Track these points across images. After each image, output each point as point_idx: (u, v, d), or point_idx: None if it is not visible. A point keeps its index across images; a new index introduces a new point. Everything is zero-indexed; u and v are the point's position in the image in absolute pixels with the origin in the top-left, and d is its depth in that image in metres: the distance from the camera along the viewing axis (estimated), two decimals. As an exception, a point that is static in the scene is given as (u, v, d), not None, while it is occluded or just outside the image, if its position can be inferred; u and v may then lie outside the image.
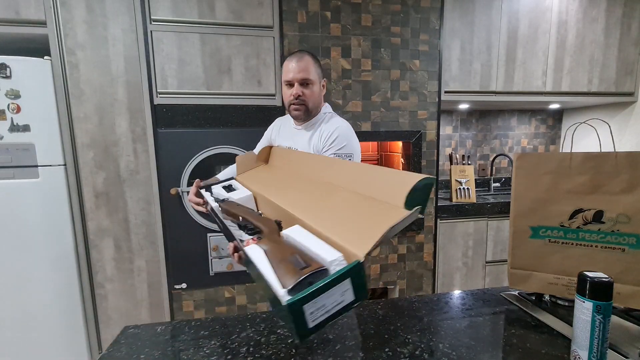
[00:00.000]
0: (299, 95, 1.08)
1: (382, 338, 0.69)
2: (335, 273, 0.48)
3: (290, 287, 0.48)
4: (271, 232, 0.69)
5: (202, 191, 1.04)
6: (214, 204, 0.95)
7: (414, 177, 0.60)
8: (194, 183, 1.07)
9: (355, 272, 0.49)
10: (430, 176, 0.58)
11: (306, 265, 0.52)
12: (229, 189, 1.05)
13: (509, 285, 0.82)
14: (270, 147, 1.17)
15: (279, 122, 1.32)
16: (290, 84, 1.09)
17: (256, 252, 0.61)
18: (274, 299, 0.48)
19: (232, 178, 1.14)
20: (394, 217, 0.58)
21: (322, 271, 0.51)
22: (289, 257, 0.56)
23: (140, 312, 1.81)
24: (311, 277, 0.50)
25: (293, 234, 0.65)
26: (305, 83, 1.08)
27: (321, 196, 0.79)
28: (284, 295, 0.47)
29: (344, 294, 0.48)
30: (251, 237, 0.75)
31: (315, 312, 0.45)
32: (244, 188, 1.03)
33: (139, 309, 1.80)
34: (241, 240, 0.79)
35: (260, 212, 0.90)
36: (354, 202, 0.69)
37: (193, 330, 0.74)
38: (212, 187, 1.06)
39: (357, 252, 0.52)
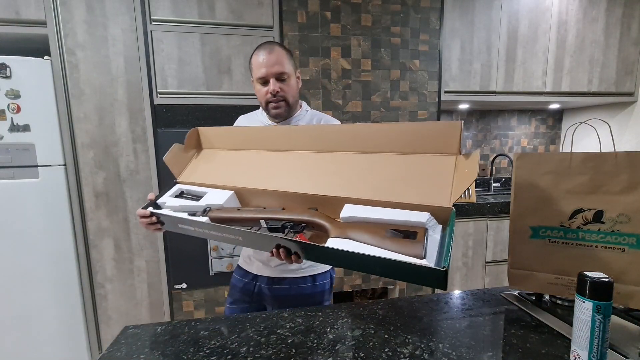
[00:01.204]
0: (277, 92, 0.97)
1: (382, 338, 0.69)
2: (451, 229, 0.59)
3: (425, 257, 0.57)
4: (331, 221, 0.70)
5: (150, 209, 0.88)
6: (198, 218, 0.81)
7: (449, 124, 0.69)
8: (149, 198, 0.92)
9: (453, 221, 0.61)
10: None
11: (406, 234, 0.61)
12: (189, 195, 0.92)
13: (509, 285, 0.82)
14: (196, 131, 1.02)
15: (244, 120, 1.17)
16: (264, 81, 0.98)
17: (350, 244, 0.63)
18: (407, 273, 0.57)
19: (174, 183, 0.97)
20: (463, 166, 0.66)
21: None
22: (385, 234, 0.62)
23: (140, 312, 1.81)
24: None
25: (356, 213, 0.68)
26: (281, 77, 0.97)
27: (354, 166, 0.77)
28: (429, 264, 0.56)
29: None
30: (296, 233, 0.72)
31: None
32: (210, 188, 0.91)
33: (139, 309, 1.80)
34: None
35: (264, 207, 0.83)
36: (402, 163, 0.72)
37: (193, 330, 0.74)
38: (160, 200, 0.91)
39: (445, 204, 0.62)
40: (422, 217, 0.62)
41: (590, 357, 0.55)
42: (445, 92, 2.08)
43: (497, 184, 2.73)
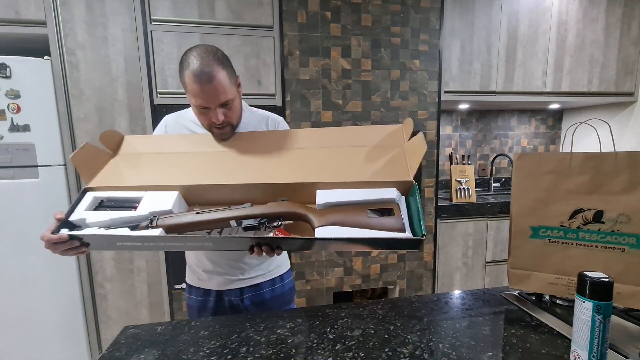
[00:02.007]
0: (223, 120, 0.85)
1: (382, 338, 0.69)
2: (415, 200, 0.69)
3: (406, 229, 0.65)
4: (310, 210, 0.71)
5: (65, 231, 0.70)
6: (148, 232, 0.69)
7: (392, 126, 0.85)
8: (55, 217, 0.73)
9: (416, 191, 0.71)
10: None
11: (382, 211, 0.69)
12: (115, 204, 0.77)
13: (509, 285, 0.82)
14: (119, 135, 0.90)
15: (173, 122, 1.01)
16: (205, 107, 0.84)
17: (340, 230, 0.67)
18: (394, 244, 0.67)
19: (84, 192, 0.79)
20: (407, 147, 0.77)
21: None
22: (366, 215, 0.68)
23: (140, 312, 1.81)
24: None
25: (331, 198, 0.72)
26: (225, 103, 0.85)
27: (314, 158, 0.80)
28: (410, 235, 0.65)
29: None
30: (275, 228, 0.71)
31: None
32: (143, 192, 0.77)
33: (139, 309, 1.80)
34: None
35: (227, 205, 0.76)
36: (359, 153, 0.79)
37: (193, 330, 0.74)
38: (75, 216, 0.73)
39: (408, 178, 0.72)
40: (392, 193, 0.71)
41: (590, 357, 0.55)
42: (445, 92, 2.08)
43: (497, 184, 2.73)
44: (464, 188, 2.25)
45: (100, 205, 0.77)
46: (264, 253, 0.70)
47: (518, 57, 2.16)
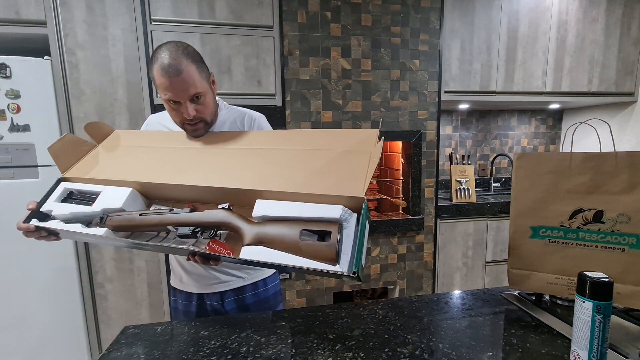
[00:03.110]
0: (194, 115, 0.84)
1: (382, 338, 0.69)
2: (362, 226, 0.58)
3: (339, 259, 0.57)
4: (245, 222, 0.65)
5: (35, 222, 0.73)
6: (94, 231, 0.70)
7: (363, 131, 0.75)
8: (27, 206, 0.77)
9: (367, 212, 0.60)
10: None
11: (320, 234, 0.59)
12: (80, 197, 0.77)
13: (509, 285, 0.82)
14: (101, 125, 0.92)
15: (154, 122, 1.02)
16: (176, 102, 0.82)
17: (263, 253, 0.60)
18: (323, 273, 0.57)
19: (58, 182, 0.81)
20: (372, 153, 0.68)
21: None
22: (298, 236, 0.60)
23: (140, 312, 1.80)
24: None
25: (268, 211, 0.65)
26: (195, 98, 0.83)
27: (270, 161, 0.74)
28: (343, 270, 0.56)
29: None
30: (209, 239, 0.67)
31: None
32: (105, 186, 0.77)
33: (139, 309, 1.80)
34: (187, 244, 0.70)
35: (170, 207, 0.74)
36: (318, 157, 0.72)
37: (193, 330, 0.74)
38: (46, 206, 0.76)
39: (358, 194, 0.61)
40: (334, 211, 0.61)
41: (590, 357, 0.55)
42: (445, 92, 2.08)
43: (497, 184, 2.73)
44: (464, 188, 2.25)
45: (69, 197, 0.78)
46: (198, 262, 0.69)
47: (518, 57, 2.16)
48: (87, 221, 0.73)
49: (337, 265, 0.56)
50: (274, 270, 1.06)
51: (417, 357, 0.63)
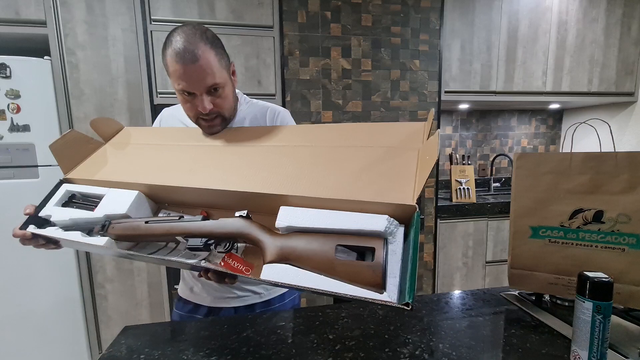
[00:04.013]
0: (211, 109, 0.75)
1: (382, 338, 0.69)
2: (415, 242, 0.46)
3: (385, 286, 0.45)
4: (267, 233, 0.55)
5: (32, 229, 0.67)
6: (95, 241, 0.62)
7: (413, 125, 0.63)
8: (24, 211, 0.71)
9: (419, 224, 0.48)
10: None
11: (360, 250, 0.48)
12: (83, 201, 0.70)
13: (509, 285, 0.82)
14: (110, 121, 0.84)
15: (168, 116, 0.95)
16: (189, 93, 0.74)
17: (290, 273, 0.50)
18: (365, 301, 0.45)
19: (59, 183, 0.73)
20: (420, 150, 0.57)
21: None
22: (333, 252, 0.49)
23: (140, 312, 1.80)
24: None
25: (295, 221, 0.54)
26: (213, 89, 0.74)
27: (297, 160, 0.64)
28: (392, 300, 0.44)
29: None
30: (224, 252, 0.59)
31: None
32: (110, 188, 0.69)
33: (139, 309, 1.80)
34: (202, 260, 0.61)
35: (180, 214, 0.66)
36: (355, 155, 0.61)
37: (193, 330, 0.74)
38: (45, 211, 0.69)
39: (408, 202, 0.49)
40: (378, 222, 0.49)
41: (590, 357, 0.55)
42: (446, 92, 2.08)
43: (497, 184, 2.73)
44: (464, 188, 2.25)
45: (70, 200, 0.70)
46: (212, 279, 0.60)
47: (518, 57, 2.16)
48: (88, 228, 0.64)
49: (385, 292, 0.45)
50: None
51: (417, 357, 0.63)
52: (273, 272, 0.51)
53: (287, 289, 0.94)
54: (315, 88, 1.87)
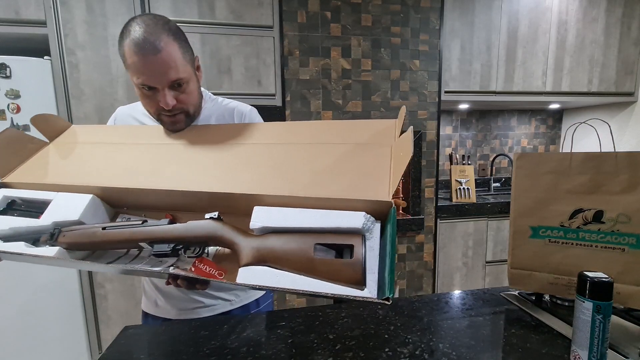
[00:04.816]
0: (174, 105, 0.70)
1: (382, 338, 0.69)
2: (392, 237, 0.46)
3: (366, 282, 0.46)
4: (241, 234, 0.53)
5: None
6: (43, 251, 0.55)
7: (384, 122, 0.63)
8: None
9: (395, 219, 0.48)
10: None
11: (338, 247, 0.48)
12: (25, 207, 0.63)
13: (509, 285, 0.82)
14: (54, 118, 0.77)
15: (123, 114, 0.88)
16: (151, 88, 0.68)
17: (268, 275, 0.48)
18: (347, 299, 0.47)
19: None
20: (393, 147, 0.57)
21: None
22: (312, 252, 0.48)
23: (140, 312, 1.80)
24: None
25: (270, 221, 0.52)
26: (176, 84, 0.69)
27: (269, 159, 0.61)
28: (372, 296, 0.44)
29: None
30: (195, 257, 0.55)
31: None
32: (58, 193, 0.63)
33: (139, 309, 1.80)
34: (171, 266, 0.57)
35: (143, 217, 0.61)
36: (328, 153, 0.60)
37: (193, 330, 0.74)
38: None
39: (383, 197, 0.50)
40: (356, 219, 0.49)
41: (590, 357, 0.55)
42: (445, 92, 2.08)
43: (497, 184, 2.73)
44: (464, 188, 2.25)
45: (10, 207, 0.63)
46: (181, 286, 0.56)
47: (518, 57, 2.16)
48: (33, 238, 0.58)
49: (365, 288, 0.45)
50: None
51: (417, 357, 0.63)
52: (250, 274, 0.49)
53: (262, 294, 0.92)
54: (315, 88, 1.87)
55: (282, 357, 0.64)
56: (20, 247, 0.55)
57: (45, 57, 1.58)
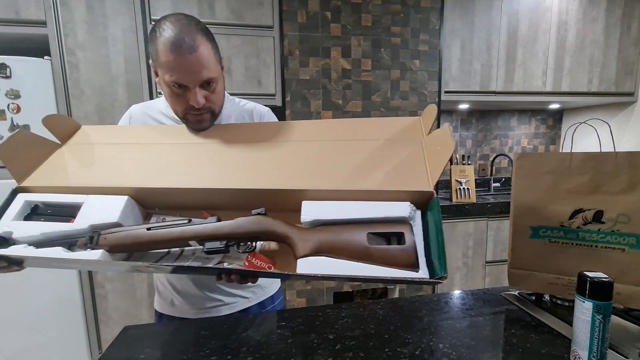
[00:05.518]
0: (203, 104, 0.71)
1: (382, 338, 0.69)
2: (435, 218, 0.51)
3: (419, 265, 0.50)
4: (293, 229, 0.55)
5: None
6: (86, 256, 0.54)
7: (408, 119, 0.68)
8: None
9: (438, 206, 0.53)
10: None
11: (389, 235, 0.52)
12: (52, 212, 0.61)
13: (509, 285, 0.82)
14: (65, 119, 0.77)
15: (138, 113, 0.86)
16: (179, 85, 0.69)
17: (328, 265, 0.50)
18: (400, 282, 0.51)
19: (14, 193, 0.62)
20: (424, 141, 0.61)
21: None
22: (365, 241, 0.52)
23: (140, 312, 1.80)
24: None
25: (321, 214, 0.55)
26: (206, 83, 0.70)
27: (304, 155, 0.63)
28: (425, 276, 0.48)
29: None
30: (248, 252, 0.57)
31: None
32: (86, 195, 0.61)
33: (139, 309, 1.80)
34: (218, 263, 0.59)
35: (186, 217, 0.59)
36: (363, 149, 0.62)
37: (193, 330, 0.74)
38: (1, 227, 0.58)
39: (426, 188, 0.54)
40: (402, 209, 0.53)
41: (590, 357, 0.55)
42: (445, 92, 2.08)
43: (497, 184, 2.73)
44: (464, 188, 2.25)
45: (34, 212, 0.61)
46: (233, 281, 0.57)
47: (518, 57, 2.16)
48: (69, 243, 0.56)
49: (420, 270, 0.49)
50: (279, 285, 0.97)
51: (417, 357, 0.63)
52: (310, 265, 0.51)
53: (276, 291, 0.94)
54: (315, 88, 1.87)
55: (282, 357, 0.64)
56: (58, 252, 0.54)
57: (45, 57, 1.58)
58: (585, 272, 0.57)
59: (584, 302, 0.56)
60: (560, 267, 0.75)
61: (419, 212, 0.56)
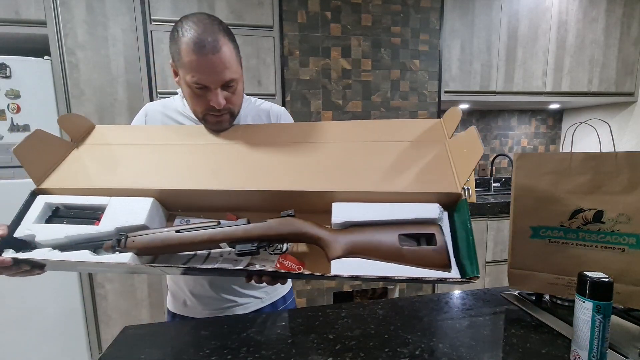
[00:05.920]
0: (224, 105, 0.70)
1: (382, 338, 0.69)
2: (464, 219, 0.53)
3: (451, 265, 0.50)
4: (325, 231, 0.55)
5: (11, 254, 0.54)
6: (114, 259, 0.54)
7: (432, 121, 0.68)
8: None
9: (467, 207, 0.54)
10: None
11: (419, 237, 0.53)
12: (75, 215, 0.60)
13: (509, 285, 0.82)
14: (80, 119, 0.75)
15: (154, 111, 0.85)
16: (201, 86, 0.68)
17: (359, 265, 0.51)
18: (436, 281, 0.51)
19: (34, 195, 0.61)
20: (448, 144, 0.61)
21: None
22: (397, 242, 0.52)
23: (140, 312, 1.80)
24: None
25: (352, 216, 0.55)
26: (228, 85, 0.70)
27: (329, 157, 0.63)
28: (457, 276, 0.49)
29: None
30: (279, 254, 0.58)
31: None
32: (108, 197, 0.60)
33: (139, 309, 1.80)
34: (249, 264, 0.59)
35: (215, 220, 0.59)
36: (389, 150, 0.62)
37: (193, 330, 0.74)
38: (22, 230, 0.57)
39: (454, 190, 0.56)
40: (432, 210, 0.55)
41: (590, 357, 0.55)
42: (445, 92, 2.08)
43: (497, 184, 2.73)
44: (464, 188, 2.24)
45: (55, 215, 0.60)
46: (264, 283, 0.58)
47: (518, 57, 2.16)
48: (95, 246, 0.56)
49: (452, 270, 0.50)
50: (291, 285, 0.97)
51: (417, 357, 0.63)
52: (344, 266, 0.52)
53: (287, 291, 0.94)
54: (315, 88, 1.87)
55: (282, 357, 0.64)
56: (85, 255, 0.54)
57: (45, 57, 1.58)
58: (585, 272, 0.57)
59: (584, 302, 0.56)
60: (560, 267, 0.75)
61: (446, 213, 0.57)
